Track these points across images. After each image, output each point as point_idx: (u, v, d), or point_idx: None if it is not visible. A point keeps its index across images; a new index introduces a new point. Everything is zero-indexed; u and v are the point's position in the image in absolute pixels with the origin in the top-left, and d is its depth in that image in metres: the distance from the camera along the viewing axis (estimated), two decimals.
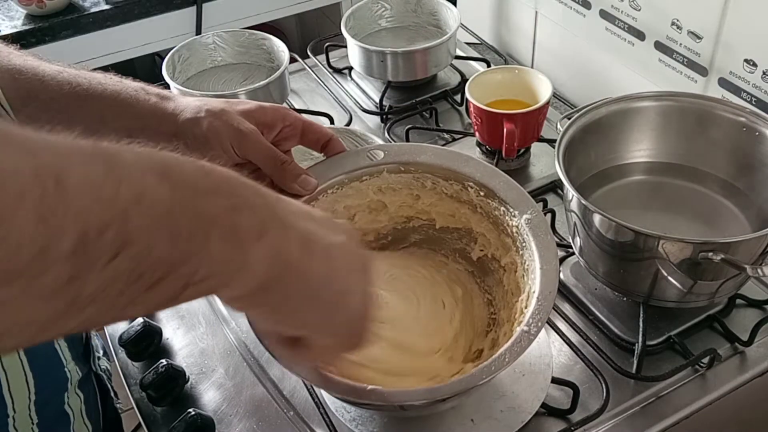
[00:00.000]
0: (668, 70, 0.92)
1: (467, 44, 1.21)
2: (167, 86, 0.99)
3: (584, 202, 0.69)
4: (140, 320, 0.77)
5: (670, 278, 0.69)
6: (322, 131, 0.67)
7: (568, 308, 0.78)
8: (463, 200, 0.70)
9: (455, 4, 1.20)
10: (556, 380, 0.69)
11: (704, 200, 0.80)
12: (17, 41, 1.35)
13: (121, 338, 0.77)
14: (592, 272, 0.77)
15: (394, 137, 1.02)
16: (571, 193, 0.71)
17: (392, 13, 1.16)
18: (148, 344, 0.77)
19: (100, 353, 0.76)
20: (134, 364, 0.77)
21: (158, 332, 0.78)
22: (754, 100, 0.82)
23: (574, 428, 0.66)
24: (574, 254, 0.80)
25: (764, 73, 0.80)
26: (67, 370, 0.61)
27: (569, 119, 0.78)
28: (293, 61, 1.14)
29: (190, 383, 0.74)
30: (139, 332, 0.76)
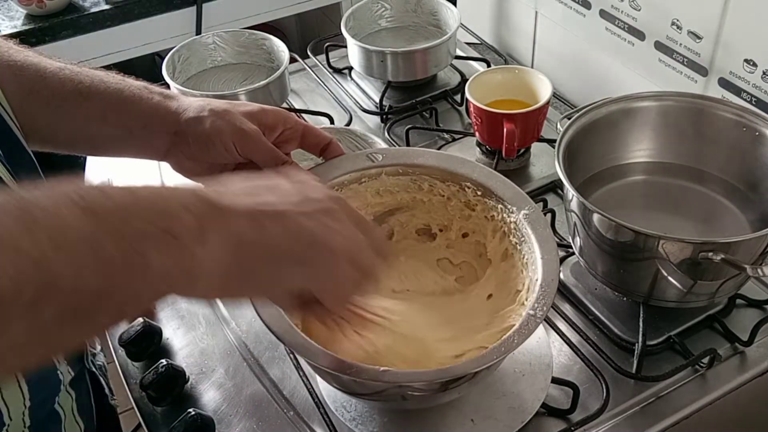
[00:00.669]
0: (668, 70, 0.92)
1: (467, 44, 1.21)
2: (167, 86, 0.99)
3: (584, 202, 0.69)
4: (140, 320, 0.77)
5: (670, 278, 0.69)
6: (321, 135, 0.67)
7: (568, 308, 0.78)
8: (461, 201, 0.70)
9: (455, 4, 1.20)
10: (556, 380, 0.69)
11: (704, 200, 0.80)
12: (17, 41, 1.35)
13: (121, 338, 0.77)
14: (592, 272, 0.77)
15: (394, 137, 1.02)
16: (571, 193, 0.71)
17: (392, 13, 1.16)
18: (148, 344, 0.77)
19: (96, 350, 0.75)
20: (134, 364, 0.77)
21: (158, 332, 0.78)
22: (754, 100, 0.82)
23: (574, 428, 0.66)
24: (574, 254, 0.80)
25: (764, 73, 0.80)
26: (59, 372, 0.61)
27: (569, 119, 0.79)
28: (293, 61, 1.14)
29: (190, 383, 0.74)
30: (139, 332, 0.76)
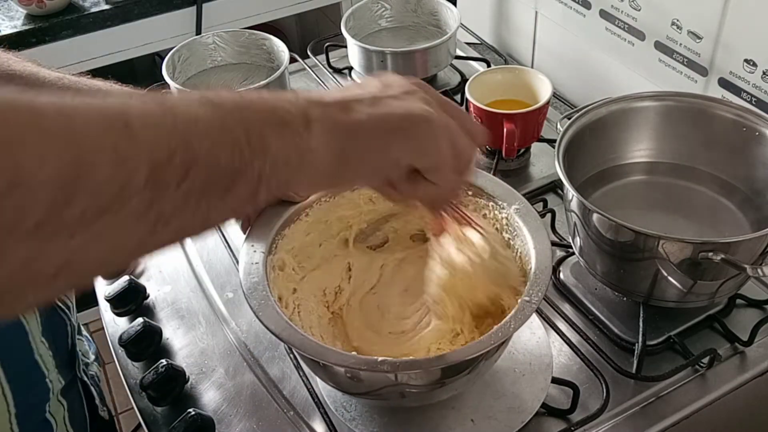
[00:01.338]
0: (668, 70, 0.92)
1: (467, 44, 1.21)
2: (167, 86, 0.99)
3: (584, 202, 0.69)
4: (140, 320, 0.77)
5: (670, 278, 0.69)
6: None
7: (568, 308, 0.78)
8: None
9: (455, 4, 1.20)
10: (556, 380, 0.69)
11: (704, 200, 0.80)
12: (17, 41, 1.36)
13: (121, 338, 0.77)
14: (591, 272, 0.77)
15: None
16: (571, 193, 0.71)
17: (392, 13, 1.16)
18: (148, 344, 0.77)
19: (89, 359, 0.75)
20: (134, 364, 0.77)
21: (158, 332, 0.78)
22: (754, 100, 0.82)
23: (574, 428, 0.66)
24: (574, 254, 0.80)
25: (764, 73, 0.80)
26: (48, 380, 0.61)
27: (569, 119, 0.79)
28: (293, 61, 1.14)
29: (190, 383, 0.74)
30: (139, 332, 0.76)
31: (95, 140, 0.34)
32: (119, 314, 0.83)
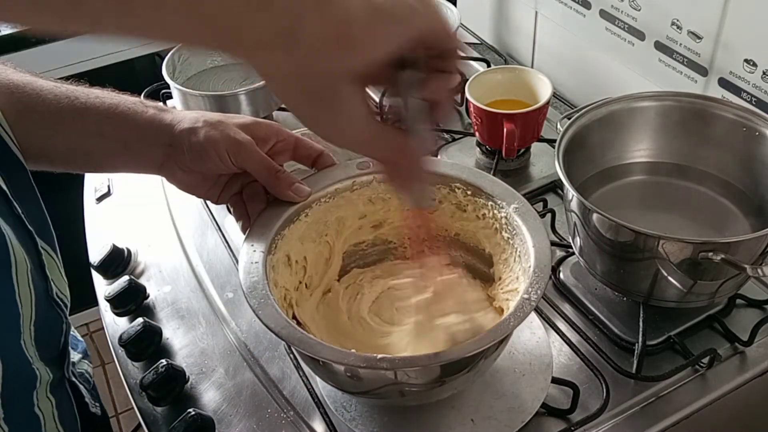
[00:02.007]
0: (668, 70, 0.92)
1: (467, 44, 1.21)
2: (167, 86, 0.99)
3: (584, 202, 0.69)
4: (140, 320, 0.77)
5: (670, 278, 0.69)
6: (313, 147, 0.69)
7: (568, 308, 0.78)
8: (452, 203, 0.70)
9: (455, 4, 1.20)
10: (556, 380, 0.69)
11: (704, 200, 0.80)
12: (18, 41, 1.35)
13: (121, 338, 0.77)
14: (591, 272, 0.77)
15: None
16: (571, 193, 0.71)
17: None
18: (148, 344, 0.77)
19: (75, 358, 0.74)
20: (134, 364, 0.77)
21: (158, 332, 0.78)
22: (754, 100, 0.82)
23: (574, 428, 0.66)
24: (574, 254, 0.80)
25: (764, 73, 0.80)
26: (35, 368, 0.61)
27: (569, 119, 0.79)
28: None
29: (190, 383, 0.74)
30: (139, 332, 0.76)
31: None
32: (119, 314, 0.83)
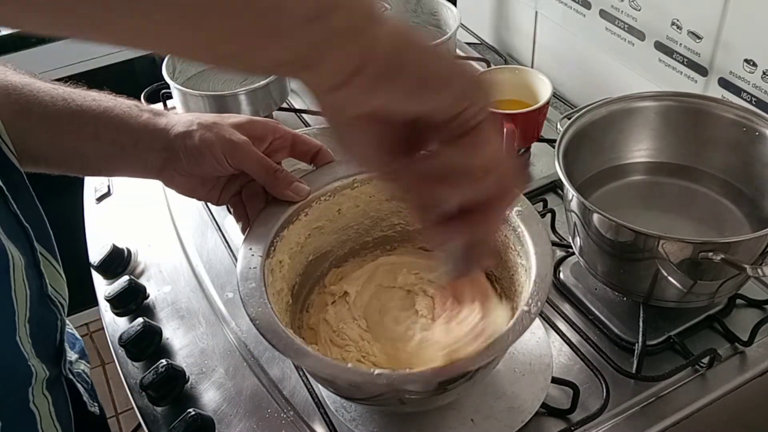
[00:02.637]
0: (668, 70, 0.92)
1: (467, 44, 1.21)
2: (167, 86, 0.99)
3: (584, 202, 0.69)
4: (140, 320, 0.77)
5: (670, 278, 0.69)
6: (311, 143, 0.68)
7: (568, 308, 0.78)
8: None
9: (455, 4, 1.20)
10: (556, 380, 0.69)
11: (704, 200, 0.80)
12: (18, 41, 1.35)
13: (121, 338, 0.77)
14: (592, 272, 0.77)
15: None
16: (571, 193, 0.71)
17: (392, 12, 1.16)
18: (148, 344, 0.77)
19: (72, 358, 0.74)
20: (134, 364, 0.77)
21: (158, 332, 0.78)
22: (754, 100, 0.82)
23: (574, 428, 0.66)
24: (574, 254, 0.80)
25: (764, 73, 0.80)
26: (31, 364, 0.61)
27: (569, 119, 0.79)
28: None
29: (190, 383, 0.74)
30: (139, 332, 0.76)
31: None
32: (119, 314, 0.83)
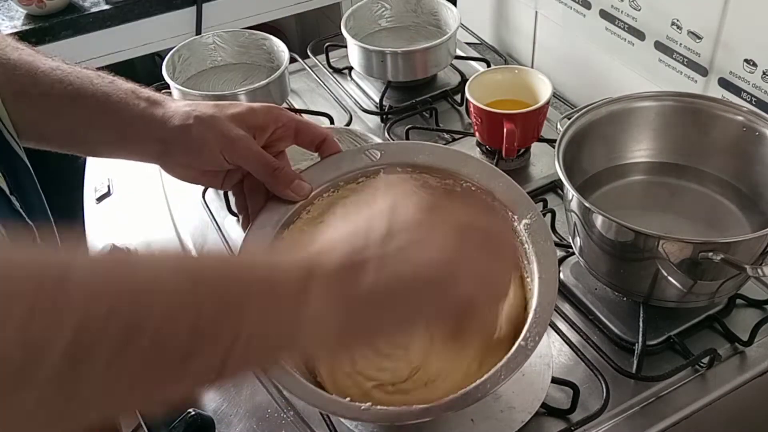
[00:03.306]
0: (668, 70, 0.92)
1: (467, 44, 1.21)
2: (167, 86, 0.99)
3: (584, 202, 0.69)
4: None
5: (670, 278, 0.69)
6: (316, 131, 0.65)
7: (568, 308, 0.78)
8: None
9: (455, 4, 1.20)
10: (556, 380, 0.69)
11: (704, 200, 0.80)
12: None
13: None
14: (592, 272, 0.77)
15: (394, 137, 1.02)
16: (571, 193, 0.71)
17: (392, 13, 1.16)
18: None
19: None
20: None
21: None
22: (754, 100, 0.82)
23: (574, 428, 0.66)
24: (574, 254, 0.80)
25: (764, 73, 0.80)
26: None
27: (569, 119, 0.78)
28: (293, 61, 1.14)
29: None
30: None
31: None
32: None
